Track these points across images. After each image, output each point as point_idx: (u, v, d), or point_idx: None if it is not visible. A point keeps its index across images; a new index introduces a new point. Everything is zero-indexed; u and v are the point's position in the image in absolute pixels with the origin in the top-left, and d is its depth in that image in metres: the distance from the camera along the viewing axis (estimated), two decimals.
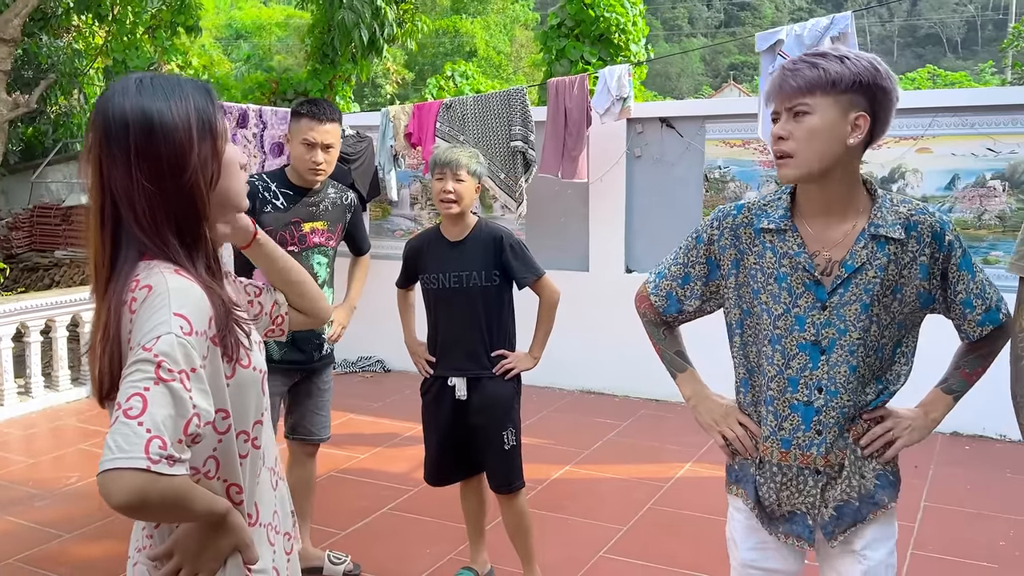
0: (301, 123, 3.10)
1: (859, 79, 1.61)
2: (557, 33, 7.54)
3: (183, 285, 1.30)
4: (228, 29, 30.97)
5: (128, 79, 1.39)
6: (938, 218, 1.73)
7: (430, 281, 3.08)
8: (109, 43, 8.36)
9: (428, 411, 3.22)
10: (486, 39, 29.96)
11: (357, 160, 6.32)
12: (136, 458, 1.13)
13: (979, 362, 1.84)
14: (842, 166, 1.67)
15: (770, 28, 4.92)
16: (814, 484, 1.78)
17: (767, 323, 1.77)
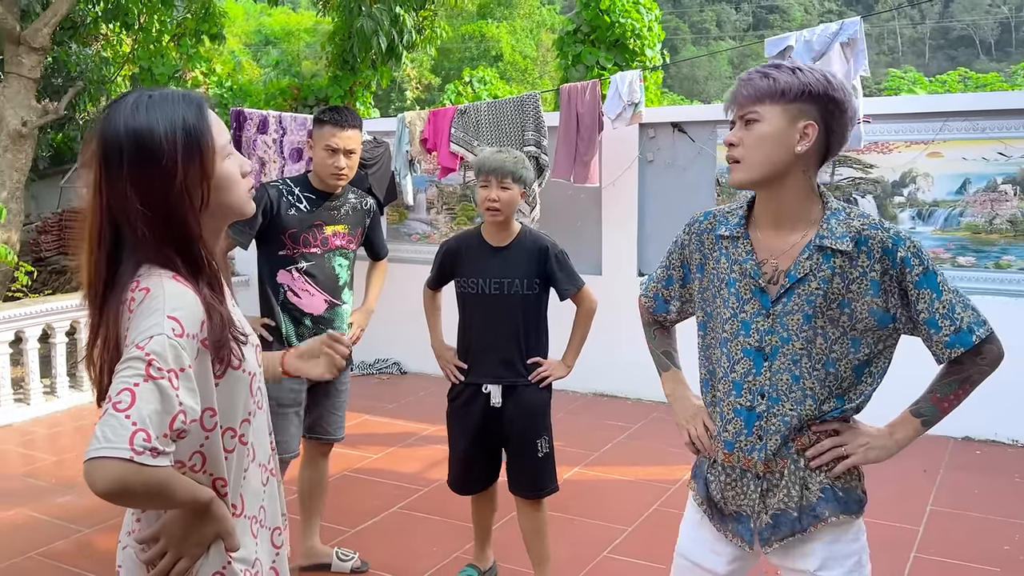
0: (324, 129, 3.17)
1: (808, 89, 1.66)
2: (573, 39, 7.60)
3: (178, 290, 1.37)
4: (257, 35, 31.32)
5: (127, 97, 1.43)
6: (891, 234, 1.71)
7: (468, 285, 3.03)
8: (136, 51, 8.56)
9: (457, 417, 3.15)
10: (512, 43, 30.04)
11: (374, 165, 6.42)
12: (121, 448, 1.21)
13: (954, 387, 1.76)
14: (792, 175, 1.71)
15: (799, 31, 4.93)
16: (755, 488, 1.80)
17: (718, 326, 1.82)
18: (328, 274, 3.28)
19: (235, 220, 1.55)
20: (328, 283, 3.28)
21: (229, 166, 1.46)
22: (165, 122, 1.38)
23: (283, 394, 3.20)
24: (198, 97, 1.48)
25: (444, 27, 8.61)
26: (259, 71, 21.12)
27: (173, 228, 1.39)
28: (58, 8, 7.53)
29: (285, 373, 1.83)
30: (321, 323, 3.26)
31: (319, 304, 3.27)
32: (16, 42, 7.50)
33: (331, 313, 3.30)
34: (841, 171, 5.44)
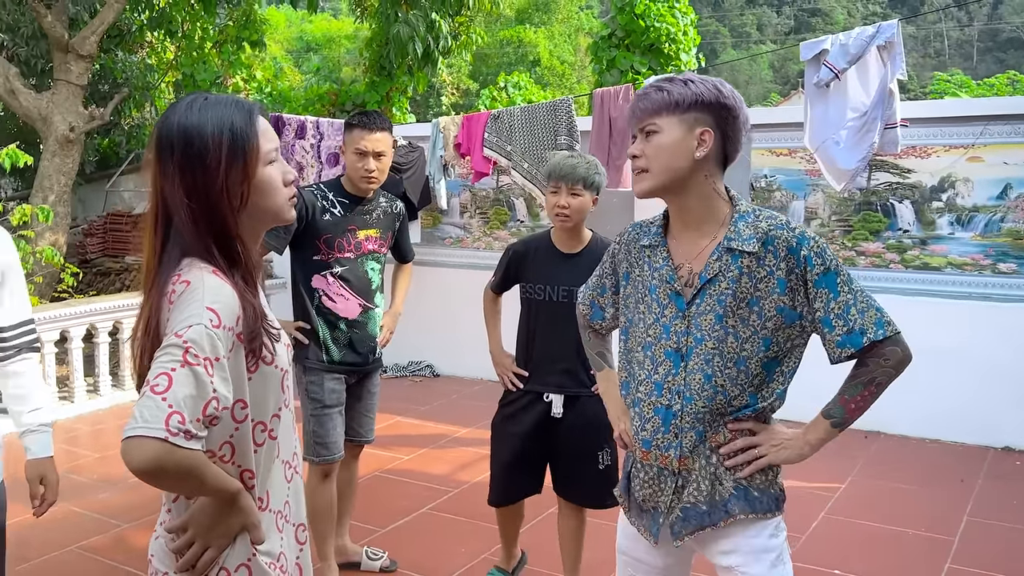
0: (353, 133, 3.22)
1: (700, 98, 1.75)
2: (608, 44, 7.60)
3: (217, 284, 1.43)
4: (299, 42, 31.70)
5: (186, 99, 1.53)
6: (797, 233, 1.77)
7: (534, 291, 2.98)
8: (179, 58, 8.75)
9: (507, 424, 3.07)
10: (550, 49, 30.04)
11: (409, 169, 6.49)
12: (157, 428, 1.27)
13: (859, 389, 1.79)
14: (694, 180, 1.79)
15: (835, 34, 4.88)
16: (671, 484, 1.86)
17: (642, 331, 1.90)
18: (361, 278, 3.31)
19: (274, 225, 1.61)
20: (361, 287, 3.32)
21: (271, 172, 1.52)
22: (214, 123, 1.47)
23: (326, 395, 3.27)
24: (251, 104, 1.55)
25: (480, 32, 8.67)
26: (300, 77, 21.40)
27: (213, 223, 1.47)
28: (105, 16, 7.74)
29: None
30: (355, 327, 3.31)
31: (353, 308, 3.30)
32: (64, 50, 7.73)
33: (365, 317, 3.34)
34: (878, 176, 5.37)
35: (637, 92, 1.85)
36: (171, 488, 1.42)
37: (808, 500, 4.31)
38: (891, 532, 3.98)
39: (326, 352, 3.28)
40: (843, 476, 4.66)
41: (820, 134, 4.87)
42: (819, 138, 4.88)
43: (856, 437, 5.25)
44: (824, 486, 4.50)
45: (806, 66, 4.93)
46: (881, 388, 1.79)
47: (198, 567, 1.46)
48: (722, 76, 35.40)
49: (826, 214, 5.56)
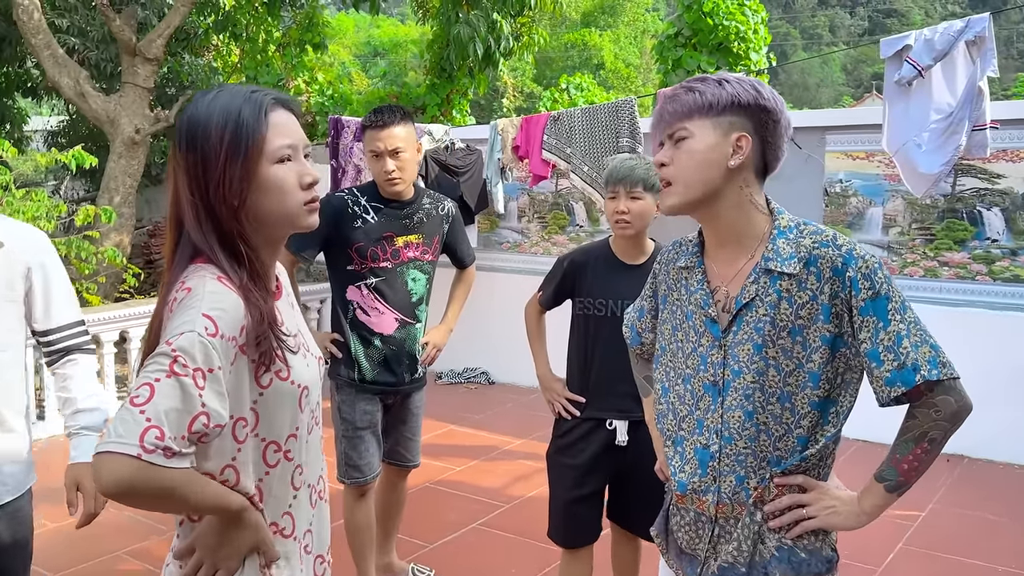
0: (367, 135, 2.98)
1: (737, 100, 1.57)
2: (674, 43, 7.36)
3: (219, 290, 1.31)
4: (367, 47, 32.13)
5: (208, 90, 1.42)
6: (845, 251, 1.55)
7: (594, 307, 2.71)
8: (243, 61, 8.81)
9: (567, 457, 2.76)
10: (615, 51, 29.79)
11: (466, 172, 6.37)
12: (129, 444, 1.16)
13: (910, 447, 1.55)
14: (729, 192, 1.60)
15: (919, 30, 4.58)
16: (708, 532, 1.67)
17: (681, 361, 1.71)
18: (400, 290, 3.05)
19: (293, 232, 1.47)
20: (399, 300, 3.05)
21: (281, 172, 1.38)
22: (220, 114, 1.35)
23: (358, 417, 3.09)
24: (268, 96, 1.41)
25: (542, 33, 8.52)
26: (367, 82, 21.61)
27: (213, 220, 1.36)
28: (171, 20, 7.82)
29: None
30: (391, 343, 3.06)
31: (389, 323, 3.05)
32: (132, 53, 7.83)
33: (402, 332, 3.07)
34: (964, 181, 5.03)
35: (665, 94, 1.66)
36: (148, 508, 1.29)
37: (884, 530, 4.02)
38: (977, 568, 3.67)
39: (358, 370, 3.06)
40: (922, 504, 4.35)
41: (900, 136, 4.57)
42: (899, 140, 4.58)
43: (938, 461, 4.91)
44: (902, 514, 4.19)
45: (886, 63, 4.63)
46: (936, 445, 1.55)
47: None
48: (792, 79, 34.61)
49: (906, 222, 5.23)
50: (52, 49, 7.72)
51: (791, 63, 34.47)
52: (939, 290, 5.13)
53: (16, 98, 9.95)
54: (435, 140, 6.31)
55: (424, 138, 6.32)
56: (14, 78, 9.47)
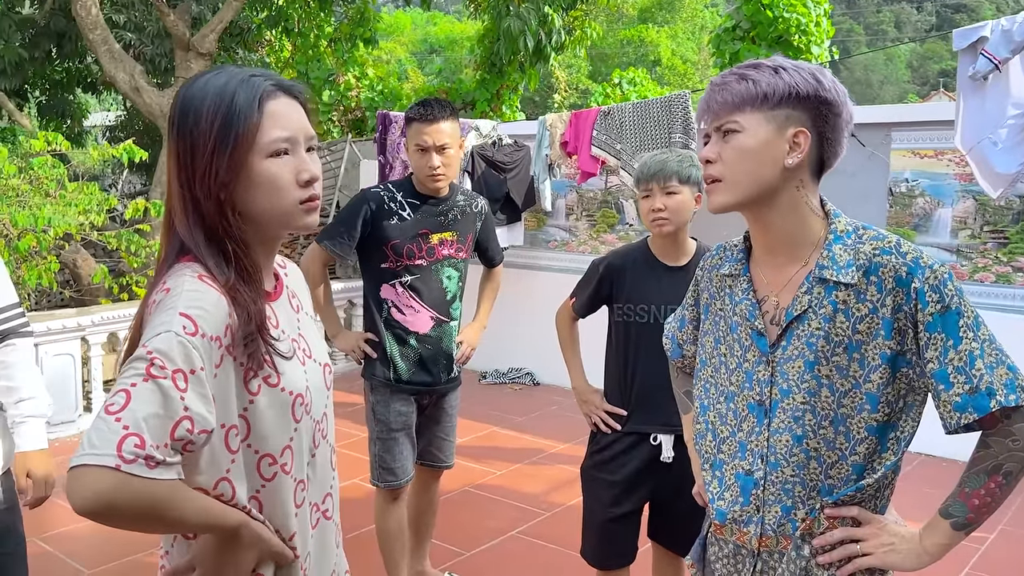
0: (412, 127, 2.89)
1: (795, 91, 1.40)
2: (731, 36, 7.12)
3: (199, 288, 1.21)
4: (423, 44, 32.31)
5: (207, 70, 1.31)
6: (910, 259, 1.39)
7: (634, 313, 2.54)
8: (294, 56, 8.83)
9: (605, 473, 2.58)
10: (672, 47, 29.42)
11: (514, 169, 6.24)
12: (105, 455, 1.05)
13: (982, 481, 1.38)
14: (784, 193, 1.45)
15: (995, 20, 4.30)
16: (749, 567, 1.52)
17: (724, 377, 1.55)
18: (435, 288, 2.98)
19: (284, 231, 1.34)
20: (435, 298, 2.98)
21: (274, 167, 1.26)
22: (213, 98, 1.24)
23: (392, 418, 3.00)
24: (268, 80, 1.29)
25: (595, 27, 8.34)
26: (422, 79, 21.66)
27: (201, 212, 1.25)
28: (224, 15, 7.87)
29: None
30: (427, 342, 2.99)
31: (424, 322, 2.98)
32: (186, 48, 7.89)
33: (438, 331, 3.01)
34: None
35: (713, 81, 1.49)
36: (132, 527, 1.15)
37: (948, 552, 3.77)
38: None
39: (393, 370, 2.98)
40: (991, 525, 4.07)
41: (974, 133, 4.30)
42: (973, 138, 4.30)
43: None
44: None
45: (960, 56, 4.36)
46: (1012, 479, 1.37)
47: None
48: (855, 76, 33.73)
49: (977, 224, 4.94)
50: (109, 44, 7.82)
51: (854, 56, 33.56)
52: (1012, 297, 4.82)
53: (76, 93, 10.14)
54: (482, 136, 6.19)
55: (471, 134, 6.21)
56: (75, 73, 9.66)
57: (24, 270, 5.69)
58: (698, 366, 1.64)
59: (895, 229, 5.16)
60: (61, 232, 5.76)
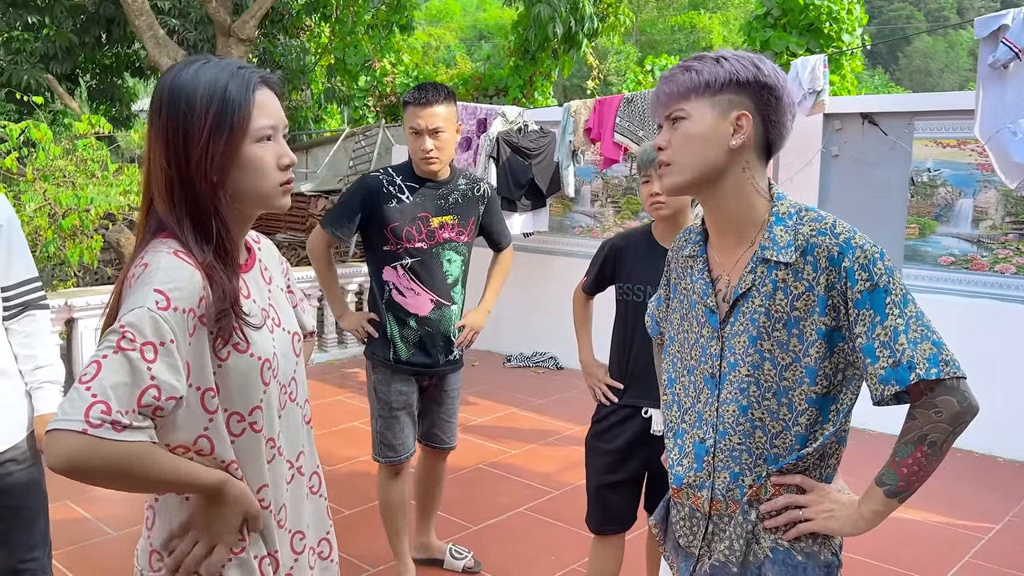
0: (407, 111, 2.94)
1: (735, 77, 1.49)
2: (763, 24, 7.06)
3: (173, 264, 1.31)
4: (472, 30, 32.33)
5: (190, 60, 1.42)
6: (842, 239, 1.46)
7: (633, 292, 2.66)
8: (332, 42, 8.99)
9: (602, 442, 2.74)
10: (724, 35, 29.02)
11: (539, 155, 6.31)
12: (74, 420, 1.16)
13: (910, 451, 1.45)
14: (730, 175, 1.53)
15: (1017, 9, 4.24)
16: (701, 529, 1.63)
17: (687, 352, 1.66)
18: (435, 271, 3.04)
19: (263, 211, 1.47)
20: (435, 281, 3.05)
21: (260, 152, 1.38)
22: (206, 87, 1.35)
23: (393, 397, 3.11)
24: (255, 73, 1.41)
25: (628, 14, 8.33)
26: (470, 65, 21.75)
27: (188, 195, 1.36)
28: (264, 2, 8.05)
29: None
30: (426, 324, 3.06)
31: (424, 304, 3.05)
32: (227, 34, 8.11)
33: (437, 314, 3.07)
34: None
35: (662, 75, 1.59)
36: (105, 485, 1.28)
37: (949, 540, 3.78)
38: None
39: (393, 351, 3.08)
40: (999, 515, 4.07)
41: (993, 123, 4.26)
42: (992, 127, 4.26)
43: (1019, 470, 4.59)
44: (973, 525, 3.94)
45: (980, 44, 4.32)
46: (936, 449, 1.44)
47: (210, 564, 1.38)
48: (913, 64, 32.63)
49: (999, 215, 4.88)
50: (154, 30, 8.07)
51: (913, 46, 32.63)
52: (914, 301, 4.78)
53: (125, 77, 10.46)
54: (508, 122, 6.26)
55: (497, 119, 6.29)
56: (123, 58, 9.96)
57: (68, 248, 5.95)
58: (668, 342, 1.74)
59: (916, 219, 5.12)
60: (103, 211, 6.00)
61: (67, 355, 5.35)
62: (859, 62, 7.52)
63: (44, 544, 2.23)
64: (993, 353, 4.67)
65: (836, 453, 1.55)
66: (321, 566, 1.63)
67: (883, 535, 3.81)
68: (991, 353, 4.66)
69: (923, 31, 36.47)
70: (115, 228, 7.18)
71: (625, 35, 10.23)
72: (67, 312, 5.32)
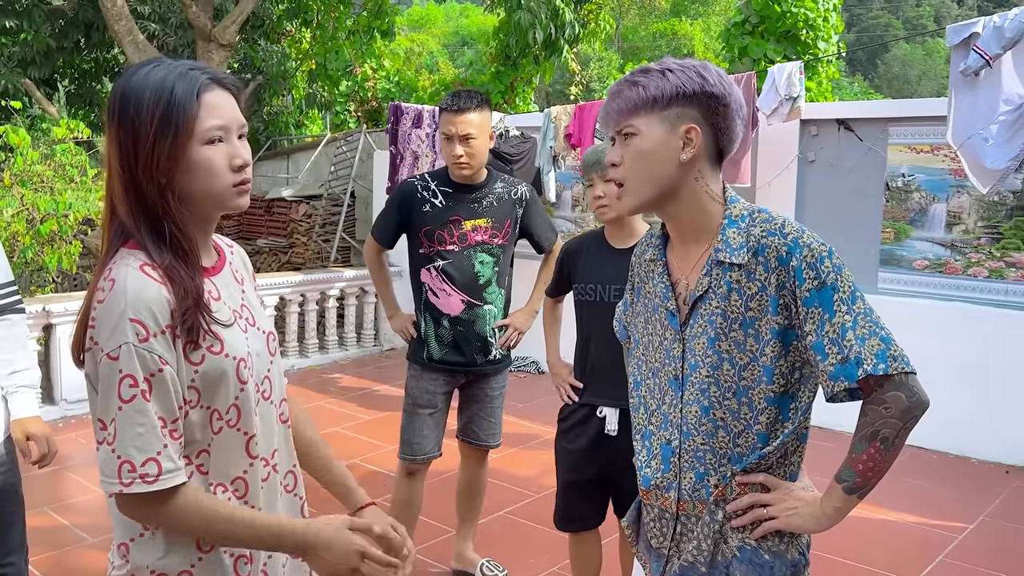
0: (443, 116, 3.04)
1: (681, 90, 1.50)
2: (740, 31, 7.14)
3: (140, 284, 1.32)
4: (455, 36, 32.34)
5: (142, 63, 1.41)
6: (790, 239, 1.49)
7: (585, 292, 2.73)
8: (313, 47, 8.99)
9: (565, 441, 2.82)
10: (705, 42, 29.22)
11: (520, 160, 6.34)
12: (114, 483, 1.29)
13: (864, 446, 1.47)
14: (684, 187, 1.54)
15: (988, 16, 4.32)
16: (670, 529, 1.64)
17: (652, 354, 1.67)
18: (467, 272, 3.11)
19: (220, 212, 1.46)
20: (466, 282, 3.11)
21: (209, 153, 1.37)
22: (153, 88, 1.34)
23: (419, 394, 3.19)
24: (205, 74, 1.40)
25: (608, 20, 8.39)
26: (453, 71, 21.78)
27: (140, 197, 1.36)
28: (244, 7, 8.04)
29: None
30: (459, 324, 3.13)
31: (456, 305, 3.13)
32: (207, 39, 8.08)
33: (470, 314, 3.13)
34: None
35: (610, 89, 1.60)
36: (214, 540, 1.41)
37: (923, 540, 3.83)
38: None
39: (427, 350, 3.17)
40: (972, 515, 4.12)
41: (966, 129, 4.33)
42: (964, 133, 4.34)
43: (996, 472, 4.65)
44: (947, 524, 3.99)
45: (952, 52, 4.40)
46: (890, 445, 1.46)
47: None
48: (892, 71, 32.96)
49: (972, 220, 4.96)
50: (133, 35, 8.03)
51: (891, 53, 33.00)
52: (1005, 292, 4.84)
53: (104, 82, 10.40)
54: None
55: None
56: (102, 63, 9.90)
57: (47, 253, 5.92)
58: (633, 345, 1.75)
59: (892, 223, 5.19)
60: (81, 217, 5.98)
61: (45, 361, 5.32)
62: (836, 69, 7.60)
63: (21, 549, 2.23)
64: (967, 356, 4.74)
65: (799, 450, 1.58)
66: (292, 564, 1.64)
67: (859, 535, 3.86)
68: (965, 356, 4.73)
69: (901, 39, 36.91)
70: (94, 233, 7.14)
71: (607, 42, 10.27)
72: (45, 317, 5.29)
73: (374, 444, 5.06)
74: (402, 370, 3.43)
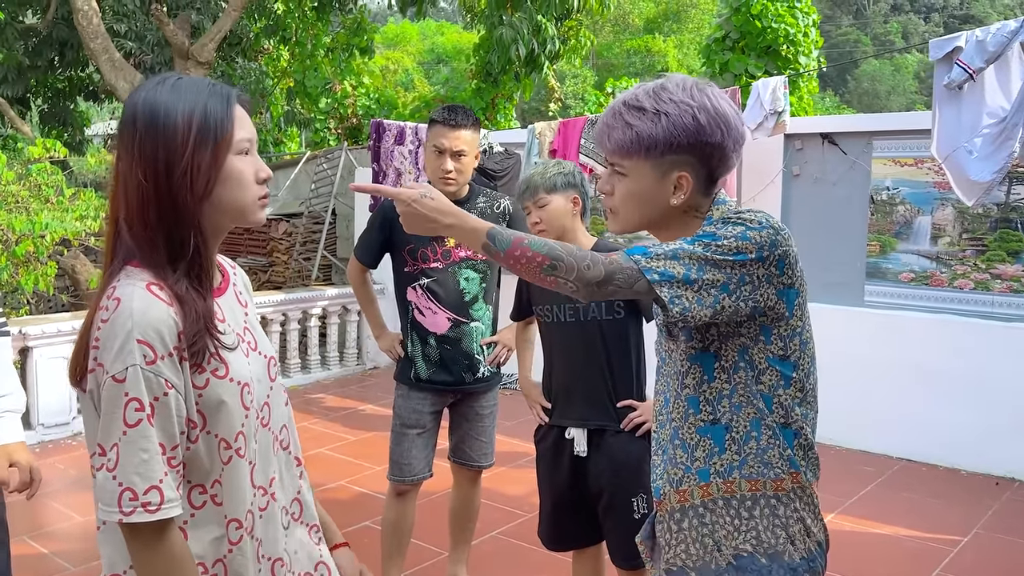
0: (434, 129, 2.98)
1: (675, 141, 1.46)
2: (721, 46, 7.19)
3: (147, 305, 1.28)
4: (431, 54, 32.42)
5: (159, 77, 1.40)
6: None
7: (544, 313, 2.70)
8: (291, 65, 8.95)
9: (543, 463, 2.81)
10: (679, 58, 29.52)
11: (504, 176, 6.32)
12: (113, 512, 1.24)
13: (548, 248, 1.49)
14: (674, 220, 1.55)
15: (971, 31, 4.36)
16: (666, 534, 1.65)
17: (662, 369, 1.71)
18: (452, 290, 3.06)
19: (239, 225, 1.43)
20: (452, 300, 3.06)
21: (241, 164, 1.37)
22: (186, 103, 1.34)
23: (406, 414, 3.13)
24: (229, 90, 1.42)
25: (588, 36, 8.43)
26: (429, 89, 21.82)
27: (168, 210, 1.33)
28: (222, 25, 7.98)
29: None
30: (446, 343, 3.08)
31: (442, 323, 3.08)
32: (185, 57, 8.01)
33: (456, 332, 3.08)
34: (1019, 189, 4.78)
35: (605, 119, 1.54)
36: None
37: (920, 554, 3.81)
38: None
39: (413, 369, 3.11)
40: (966, 528, 4.12)
41: (950, 142, 4.36)
42: (949, 146, 4.37)
43: (986, 483, 4.66)
44: (942, 538, 3.98)
45: (936, 66, 4.43)
46: (545, 268, 1.42)
47: None
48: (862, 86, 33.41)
49: (956, 232, 4.99)
50: (109, 53, 7.94)
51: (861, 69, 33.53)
52: (991, 304, 4.87)
53: (78, 101, 10.28)
54: None
55: None
56: (76, 82, 9.79)
57: (22, 275, 5.80)
58: (659, 362, 1.74)
59: (877, 236, 5.22)
60: (58, 237, 5.87)
61: (22, 384, 5.19)
62: (815, 83, 7.68)
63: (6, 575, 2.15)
64: (954, 367, 4.76)
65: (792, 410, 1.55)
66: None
67: (856, 550, 3.84)
68: (952, 367, 4.75)
69: (871, 55, 37.52)
70: (70, 254, 7.02)
71: (585, 58, 10.34)
72: (21, 340, 5.16)
73: (360, 465, 4.97)
74: (387, 388, 3.38)
